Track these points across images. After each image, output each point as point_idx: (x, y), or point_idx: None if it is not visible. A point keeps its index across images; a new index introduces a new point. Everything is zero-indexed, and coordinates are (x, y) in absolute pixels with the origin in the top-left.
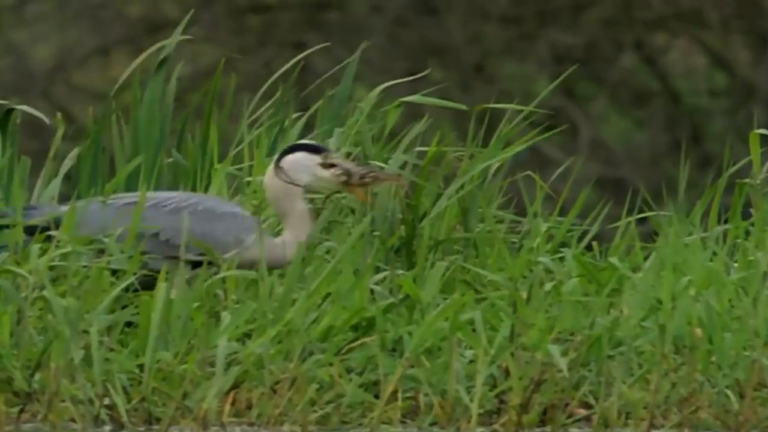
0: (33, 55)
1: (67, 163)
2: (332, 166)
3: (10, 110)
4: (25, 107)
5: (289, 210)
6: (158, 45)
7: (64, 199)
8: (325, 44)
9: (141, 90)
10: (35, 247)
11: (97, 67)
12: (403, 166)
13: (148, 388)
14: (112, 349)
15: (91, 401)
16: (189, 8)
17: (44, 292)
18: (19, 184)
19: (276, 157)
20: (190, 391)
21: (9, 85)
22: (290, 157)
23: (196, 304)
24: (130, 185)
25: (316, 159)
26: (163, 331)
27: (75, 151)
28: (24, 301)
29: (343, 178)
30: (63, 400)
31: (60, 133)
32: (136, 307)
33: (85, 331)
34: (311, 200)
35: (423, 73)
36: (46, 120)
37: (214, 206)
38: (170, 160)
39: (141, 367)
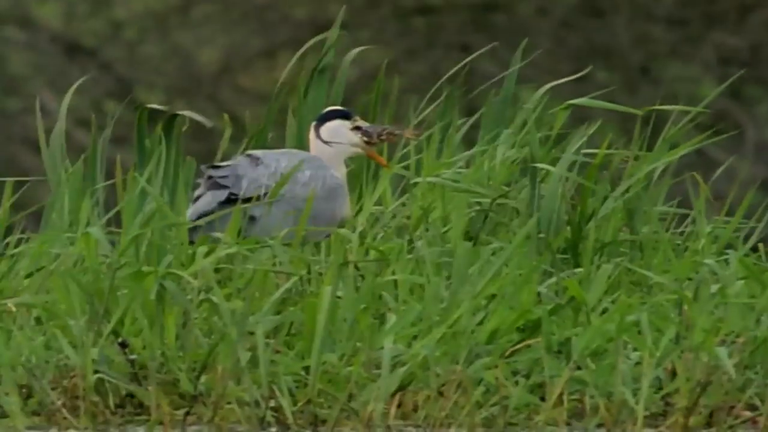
0: (199, 57)
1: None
2: (358, 128)
3: (175, 116)
4: (187, 113)
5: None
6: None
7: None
8: (492, 45)
9: (306, 91)
10: (201, 250)
11: (262, 68)
12: (570, 168)
13: (314, 390)
14: (278, 351)
15: (257, 403)
16: (356, 10)
17: (210, 295)
18: (185, 186)
19: (314, 124)
20: (355, 393)
21: (175, 88)
22: (329, 125)
23: (362, 306)
24: None
25: (348, 124)
26: (329, 332)
27: (239, 152)
28: (190, 304)
29: (365, 138)
30: (229, 403)
31: (227, 134)
32: (302, 308)
33: (251, 333)
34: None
35: (583, 72)
36: (208, 124)
37: (334, 183)
38: None
39: (307, 369)
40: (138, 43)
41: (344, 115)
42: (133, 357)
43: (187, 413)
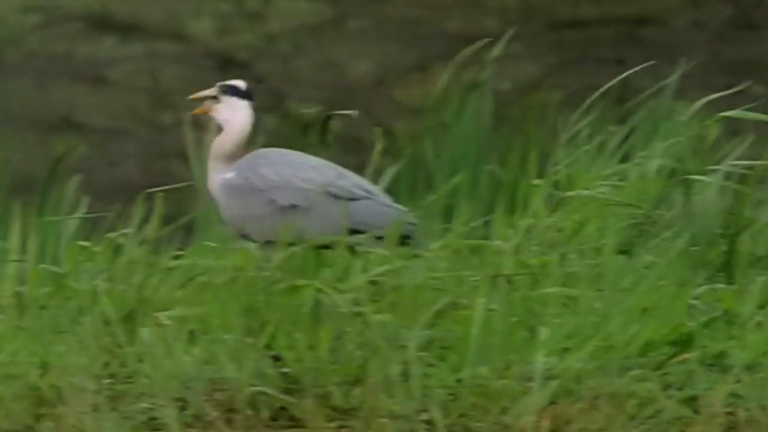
0: (352, 70)
1: (386, 178)
2: None
3: (327, 122)
4: (343, 112)
5: None
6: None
7: None
8: (649, 63)
9: (459, 105)
10: (356, 264)
11: (416, 82)
12: (727, 178)
13: (467, 403)
14: (430, 364)
15: (409, 417)
16: (509, 23)
17: (363, 309)
18: None
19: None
20: (508, 406)
21: (328, 101)
22: None
23: (514, 319)
24: (448, 201)
25: None
26: (481, 345)
27: (394, 166)
28: (343, 318)
29: None
30: (381, 416)
31: (379, 147)
32: (455, 321)
33: (403, 346)
34: None
35: (740, 87)
36: (353, 114)
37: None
38: (488, 175)
39: (459, 382)
40: (291, 57)
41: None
42: (286, 370)
43: (340, 426)
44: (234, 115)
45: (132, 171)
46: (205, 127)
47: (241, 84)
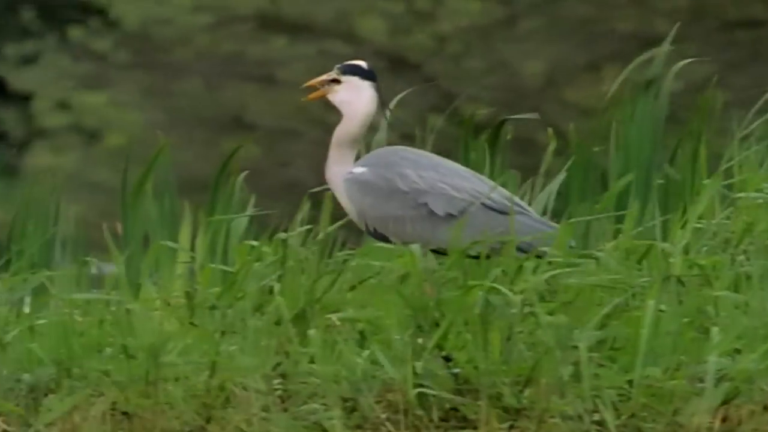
0: (524, 70)
1: (558, 179)
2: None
3: (500, 125)
4: (520, 115)
5: None
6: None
7: (555, 214)
8: None
9: (632, 106)
10: (529, 265)
11: (587, 82)
12: None
13: (638, 403)
14: (601, 365)
15: (580, 417)
16: (680, 23)
17: (534, 309)
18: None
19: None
20: (679, 407)
21: (500, 101)
22: None
23: (685, 320)
24: (620, 202)
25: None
26: (652, 346)
27: (565, 167)
28: (514, 318)
29: None
30: (552, 416)
31: (551, 148)
32: (626, 322)
33: (575, 347)
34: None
35: None
36: (535, 116)
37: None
38: (661, 176)
39: (630, 382)
40: (462, 57)
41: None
42: (456, 371)
43: (511, 426)
44: (357, 97)
45: (301, 171)
46: (374, 126)
47: (363, 63)
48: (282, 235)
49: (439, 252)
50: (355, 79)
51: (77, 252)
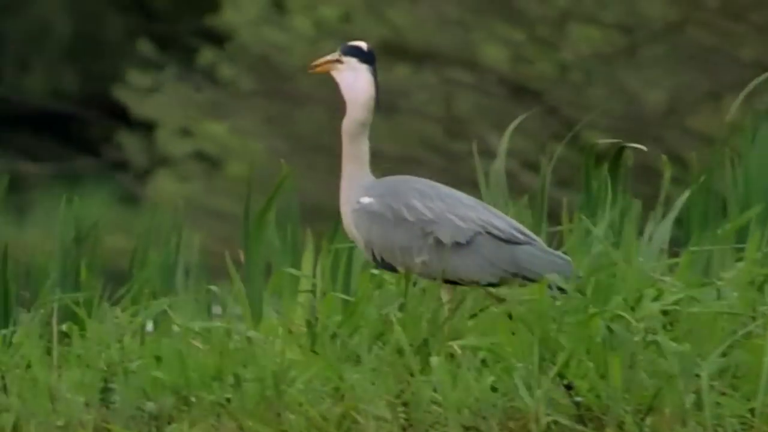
0: (645, 98)
1: (677, 207)
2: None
3: (620, 152)
4: (634, 145)
5: None
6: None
7: (677, 243)
8: None
9: (752, 133)
10: (649, 292)
11: (709, 110)
12: None
13: None
14: (723, 393)
15: None
16: None
17: (656, 337)
18: (631, 227)
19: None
20: None
21: (620, 129)
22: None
23: None
24: (741, 229)
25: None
26: None
27: (684, 195)
28: (636, 346)
29: None
30: None
31: (667, 176)
32: (748, 350)
33: (696, 375)
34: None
35: None
36: (643, 148)
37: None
38: None
39: (752, 411)
40: (584, 85)
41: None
42: (578, 399)
43: None
44: (356, 79)
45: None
46: (495, 155)
47: (363, 45)
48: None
49: (452, 282)
50: (353, 61)
51: (199, 280)
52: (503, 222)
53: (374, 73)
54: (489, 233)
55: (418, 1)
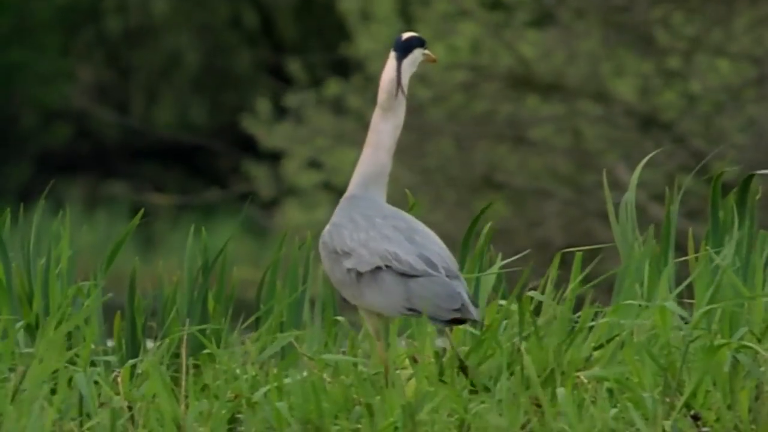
0: None
1: None
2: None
3: (748, 181)
4: (763, 171)
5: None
6: None
7: None
8: None
9: None
10: None
11: None
12: None
13: None
14: None
15: None
16: None
17: None
18: (757, 256)
19: (395, 55)
20: None
21: (749, 161)
22: (411, 58)
23: None
24: None
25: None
26: None
27: None
28: (764, 376)
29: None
30: None
31: None
32: None
33: None
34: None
35: None
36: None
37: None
38: None
39: None
40: (713, 116)
41: (422, 43)
42: (705, 430)
43: None
44: (385, 66)
45: (552, 231)
46: (623, 186)
47: (405, 34)
48: (530, 293)
49: (413, 311)
50: (392, 52)
51: (327, 311)
52: (410, 253)
53: (400, 60)
54: (388, 266)
55: (548, 31)
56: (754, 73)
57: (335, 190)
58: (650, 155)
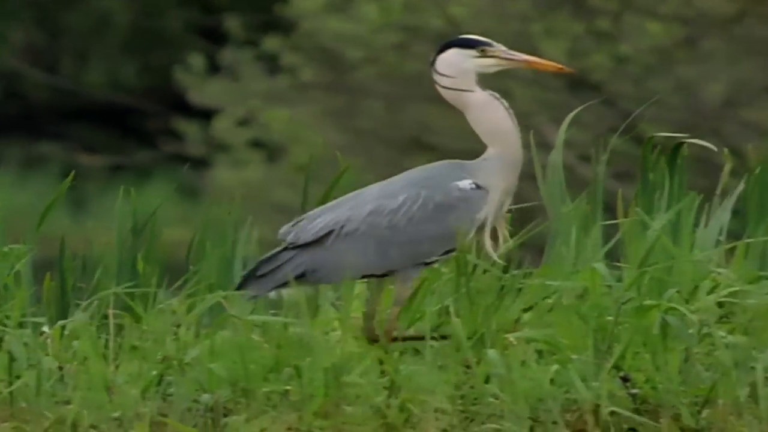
0: (703, 91)
1: (732, 199)
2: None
3: (679, 145)
4: (699, 141)
5: (474, 120)
6: None
7: (733, 236)
8: None
9: None
10: (704, 285)
11: (766, 103)
12: None
13: None
14: None
15: None
16: None
17: (712, 330)
18: (687, 220)
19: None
20: None
21: (678, 122)
22: (443, 56)
23: None
24: None
25: (470, 53)
26: None
27: (741, 187)
28: (692, 338)
29: (504, 56)
30: None
31: (727, 169)
32: None
33: (752, 367)
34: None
35: None
36: (714, 148)
37: (444, 199)
38: None
39: None
40: (642, 78)
41: (465, 44)
42: (635, 391)
43: None
44: None
45: None
46: (551, 147)
47: (466, 36)
48: (460, 255)
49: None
50: None
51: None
52: (297, 228)
53: (438, 51)
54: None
55: None
56: (684, 34)
57: (266, 149)
58: (574, 112)
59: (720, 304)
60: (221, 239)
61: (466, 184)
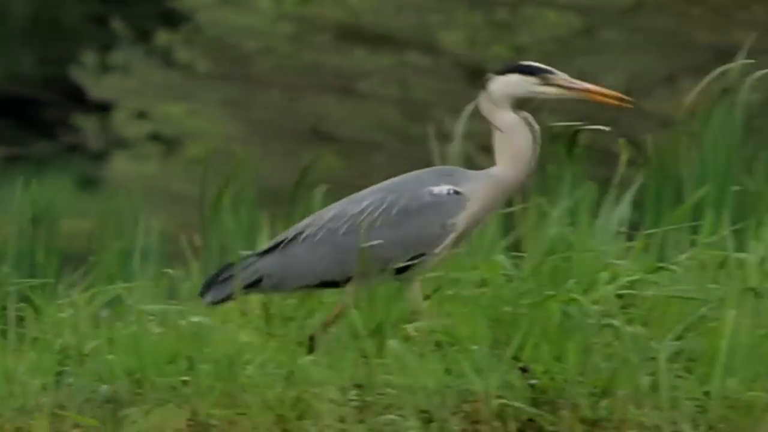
0: (601, 82)
1: (632, 190)
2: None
3: (575, 133)
4: (596, 126)
5: (498, 137)
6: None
7: (632, 226)
8: None
9: (708, 116)
10: (604, 276)
11: (665, 94)
12: None
13: (716, 415)
14: (678, 376)
15: (658, 428)
16: (758, 35)
17: (612, 320)
18: (586, 209)
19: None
20: (758, 419)
21: (576, 111)
22: (503, 78)
23: (762, 332)
24: (696, 213)
25: (531, 80)
26: (729, 358)
27: (639, 178)
28: (591, 329)
29: (563, 84)
30: (630, 427)
31: (624, 159)
32: (703, 333)
33: (652, 358)
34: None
35: None
36: (607, 129)
37: (409, 204)
38: (737, 188)
39: (708, 394)
40: None
41: (527, 71)
42: (533, 382)
43: None
44: None
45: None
46: (450, 138)
47: (524, 63)
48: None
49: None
50: None
51: (156, 263)
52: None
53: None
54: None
55: None
56: (582, 24)
57: (164, 143)
58: (473, 103)
59: (619, 295)
60: (120, 230)
61: (442, 189)
